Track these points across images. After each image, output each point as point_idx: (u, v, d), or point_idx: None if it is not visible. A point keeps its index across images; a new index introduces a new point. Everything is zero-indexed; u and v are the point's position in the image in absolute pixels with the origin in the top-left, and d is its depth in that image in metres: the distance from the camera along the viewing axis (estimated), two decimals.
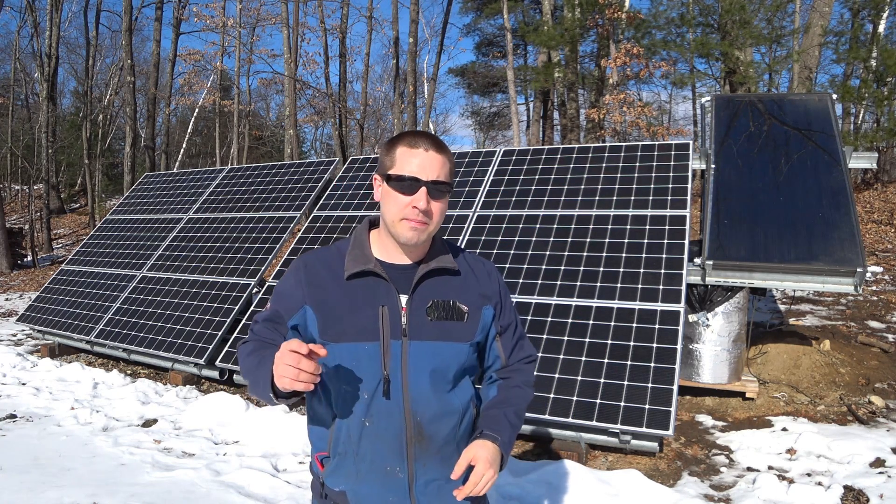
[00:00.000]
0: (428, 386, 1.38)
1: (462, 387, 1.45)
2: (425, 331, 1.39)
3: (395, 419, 1.37)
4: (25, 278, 13.01)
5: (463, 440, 1.45)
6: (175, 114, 26.71)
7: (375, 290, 1.40)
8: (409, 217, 1.34)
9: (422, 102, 19.98)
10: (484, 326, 1.47)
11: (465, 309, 1.43)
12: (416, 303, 1.40)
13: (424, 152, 1.35)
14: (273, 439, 4.03)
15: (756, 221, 4.35)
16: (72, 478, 3.51)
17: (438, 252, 1.46)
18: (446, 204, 1.41)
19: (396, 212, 1.35)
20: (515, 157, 5.46)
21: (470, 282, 1.48)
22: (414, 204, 1.33)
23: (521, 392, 1.52)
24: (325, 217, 5.77)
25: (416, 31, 16.07)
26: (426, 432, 1.39)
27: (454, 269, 1.46)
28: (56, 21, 17.39)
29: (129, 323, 5.86)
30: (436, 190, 1.35)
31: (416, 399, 1.37)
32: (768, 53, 15.82)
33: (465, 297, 1.45)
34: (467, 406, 1.45)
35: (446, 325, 1.40)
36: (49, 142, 17.01)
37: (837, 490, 3.18)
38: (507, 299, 1.54)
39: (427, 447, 1.39)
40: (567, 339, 3.98)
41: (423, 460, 1.40)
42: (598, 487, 3.23)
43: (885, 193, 12.10)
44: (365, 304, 1.39)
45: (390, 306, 1.38)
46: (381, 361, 1.36)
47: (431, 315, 1.40)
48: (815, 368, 4.86)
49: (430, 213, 1.35)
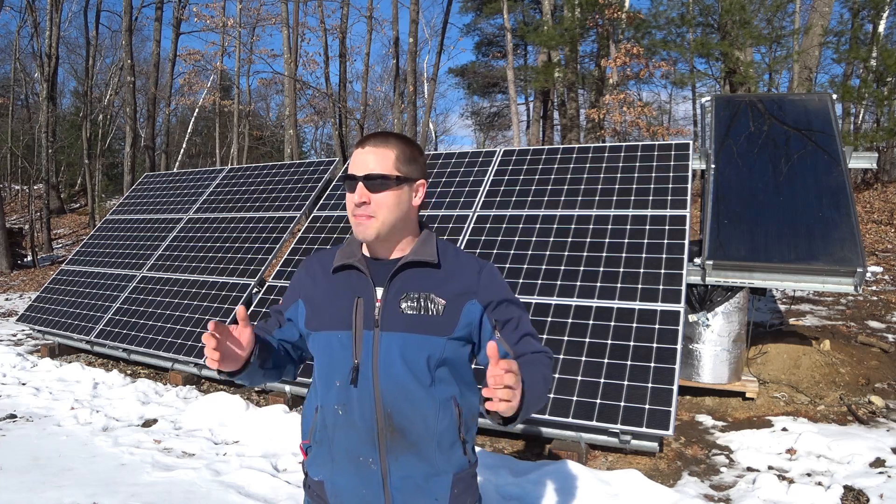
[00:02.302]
0: (399, 377, 1.37)
1: (442, 381, 1.41)
2: (397, 322, 1.39)
3: (366, 408, 1.39)
4: (25, 278, 13.01)
5: (445, 438, 1.41)
6: (175, 114, 26.71)
7: (355, 282, 1.46)
8: (354, 214, 1.41)
9: (422, 102, 19.98)
10: (469, 322, 1.43)
11: (441, 302, 1.41)
12: (391, 295, 1.42)
13: (362, 149, 1.42)
14: (273, 439, 4.03)
15: (756, 221, 4.35)
16: (72, 478, 3.51)
17: (423, 246, 1.47)
18: (397, 196, 1.40)
19: (348, 209, 1.43)
20: (515, 157, 5.46)
21: (453, 276, 1.45)
22: (353, 200, 1.40)
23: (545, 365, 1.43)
24: (325, 217, 5.77)
25: (416, 31, 16.07)
26: (396, 424, 1.39)
27: (433, 263, 1.45)
28: (56, 21, 17.40)
29: (129, 323, 5.86)
30: (370, 183, 1.38)
31: (386, 390, 1.38)
32: (768, 53, 15.82)
33: (444, 291, 1.43)
34: (446, 403, 1.41)
35: (420, 318, 1.40)
36: (49, 142, 17.01)
37: (837, 490, 3.18)
38: (503, 296, 1.48)
39: (399, 439, 1.39)
40: (567, 339, 3.98)
41: (395, 453, 1.39)
42: (598, 487, 3.23)
43: (885, 193, 12.09)
44: (343, 295, 1.45)
45: (365, 297, 1.43)
46: (353, 350, 1.40)
47: (405, 306, 1.41)
48: (815, 368, 4.86)
49: (371, 205, 1.39)
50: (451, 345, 1.41)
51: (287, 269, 5.43)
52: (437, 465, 1.42)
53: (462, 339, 1.44)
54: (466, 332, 1.44)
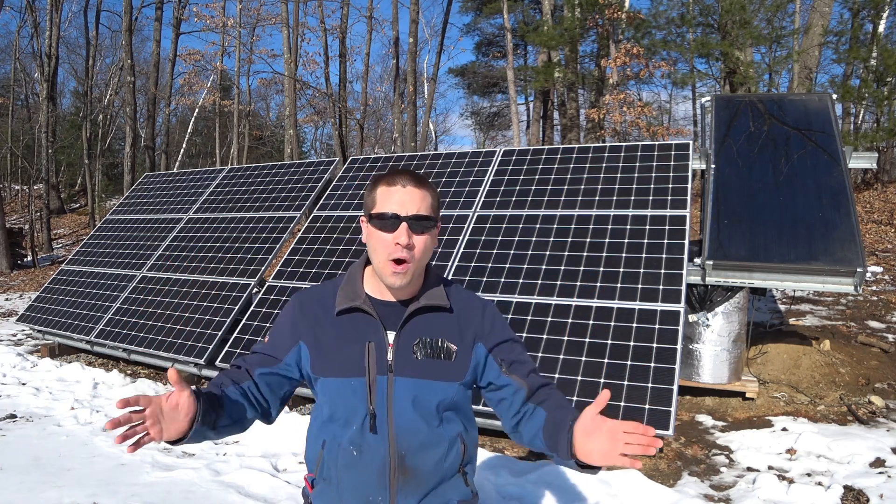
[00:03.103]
0: (413, 420, 1.38)
1: (449, 421, 1.43)
2: (411, 368, 1.39)
3: (380, 452, 1.38)
4: (25, 278, 13.01)
5: (449, 474, 1.44)
6: (175, 114, 26.73)
7: (363, 326, 1.42)
8: (393, 254, 1.33)
9: (422, 102, 19.99)
10: (476, 364, 1.46)
11: (453, 348, 1.43)
12: (404, 339, 1.41)
13: (402, 188, 1.35)
14: (273, 439, 4.04)
15: (756, 221, 4.35)
16: (72, 478, 3.51)
17: (432, 287, 1.46)
18: (432, 240, 1.40)
19: (381, 251, 1.35)
20: (515, 157, 5.46)
21: (462, 320, 1.47)
22: (396, 240, 1.32)
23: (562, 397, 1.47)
24: (325, 217, 5.77)
25: (416, 31, 16.07)
26: (409, 464, 1.39)
27: (445, 307, 1.45)
28: (56, 21, 17.40)
29: (129, 323, 5.86)
30: (417, 224, 1.34)
31: (400, 434, 1.38)
32: (768, 53, 15.82)
33: (455, 336, 1.44)
34: (454, 440, 1.43)
35: (433, 363, 1.40)
36: (49, 142, 17.00)
37: (837, 490, 3.18)
38: (506, 335, 1.50)
39: (409, 479, 1.39)
40: (567, 339, 3.98)
41: (405, 493, 1.40)
42: (598, 487, 3.24)
43: (885, 193, 12.09)
44: (352, 339, 1.41)
45: (377, 342, 1.40)
46: (368, 397, 1.38)
47: (418, 352, 1.40)
48: (815, 368, 4.86)
49: (413, 248, 1.34)
50: (460, 389, 1.44)
51: (287, 268, 5.43)
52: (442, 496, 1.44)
53: (469, 383, 1.47)
54: (474, 376, 1.47)
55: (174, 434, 1.23)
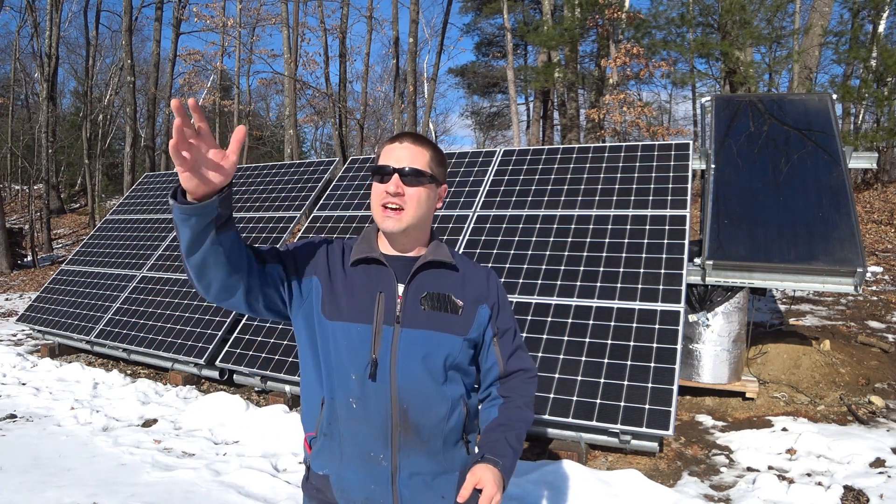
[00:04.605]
0: (417, 374, 1.39)
1: (453, 381, 1.45)
2: (418, 319, 1.42)
3: (382, 403, 1.39)
4: (25, 278, 13.01)
5: (451, 436, 1.45)
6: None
7: (376, 276, 1.45)
8: (384, 203, 1.41)
9: (422, 102, 19.98)
10: (480, 324, 1.49)
11: (459, 303, 1.46)
12: (412, 292, 1.44)
13: (400, 145, 1.44)
14: (273, 439, 4.04)
15: (756, 221, 4.35)
16: (72, 478, 3.51)
17: (438, 249, 1.51)
18: (427, 193, 1.44)
19: (375, 201, 1.43)
20: (515, 157, 5.46)
21: (467, 280, 1.51)
22: (386, 189, 1.40)
23: (521, 414, 1.52)
24: (325, 217, 5.77)
25: (416, 31, 16.06)
26: (411, 420, 1.39)
27: (452, 265, 1.50)
28: (56, 21, 17.39)
29: (129, 323, 5.86)
30: (409, 177, 1.40)
31: (403, 386, 1.39)
32: (768, 53, 15.81)
33: (461, 293, 1.48)
34: (457, 401, 1.45)
35: (440, 316, 1.43)
36: (49, 142, 17.00)
37: (837, 490, 3.18)
38: (505, 304, 1.56)
39: (412, 437, 1.40)
40: (567, 339, 3.98)
41: (407, 451, 1.41)
42: (598, 487, 3.23)
43: (885, 193, 12.09)
44: (364, 288, 1.44)
45: (387, 293, 1.43)
46: (372, 344, 1.39)
47: (425, 305, 1.44)
48: (815, 368, 4.86)
49: (404, 197, 1.40)
50: (465, 345, 1.46)
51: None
52: (445, 463, 1.46)
53: (472, 341, 1.49)
54: (478, 335, 1.49)
55: (199, 185, 1.13)
